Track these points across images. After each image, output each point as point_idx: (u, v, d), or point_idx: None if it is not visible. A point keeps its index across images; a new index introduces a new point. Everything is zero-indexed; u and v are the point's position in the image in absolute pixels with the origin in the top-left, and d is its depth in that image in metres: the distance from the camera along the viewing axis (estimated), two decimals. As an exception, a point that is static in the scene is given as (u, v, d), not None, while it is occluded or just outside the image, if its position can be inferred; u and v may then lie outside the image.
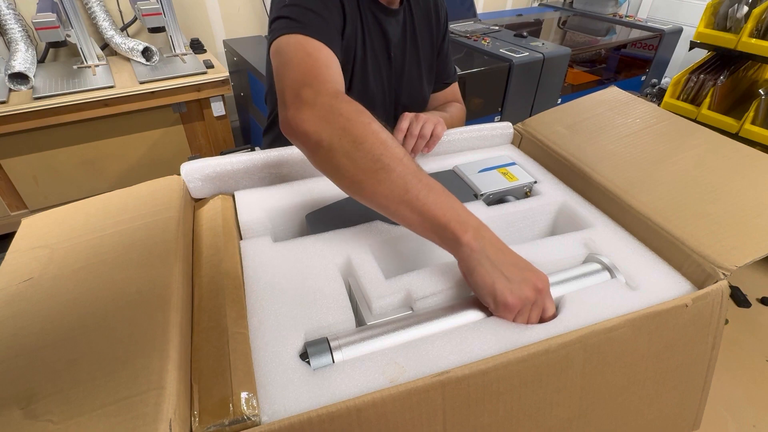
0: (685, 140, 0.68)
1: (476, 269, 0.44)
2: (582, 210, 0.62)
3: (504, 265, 0.44)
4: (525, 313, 0.44)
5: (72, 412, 0.32)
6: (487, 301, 0.44)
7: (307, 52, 0.59)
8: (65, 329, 0.39)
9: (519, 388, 0.40)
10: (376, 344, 0.42)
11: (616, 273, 0.51)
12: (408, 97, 0.89)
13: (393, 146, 0.47)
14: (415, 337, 0.43)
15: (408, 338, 0.43)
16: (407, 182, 0.45)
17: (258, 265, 0.51)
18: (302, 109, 0.50)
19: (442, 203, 0.45)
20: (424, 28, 0.86)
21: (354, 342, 0.42)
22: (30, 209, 1.68)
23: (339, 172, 0.48)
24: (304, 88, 0.51)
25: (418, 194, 0.45)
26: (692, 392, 0.51)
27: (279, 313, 0.45)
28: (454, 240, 0.44)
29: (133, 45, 1.72)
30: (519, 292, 0.43)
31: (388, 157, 0.46)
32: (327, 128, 0.47)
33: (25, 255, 0.49)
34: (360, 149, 0.46)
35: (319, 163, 0.50)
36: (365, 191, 0.47)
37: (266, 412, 0.36)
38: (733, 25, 1.46)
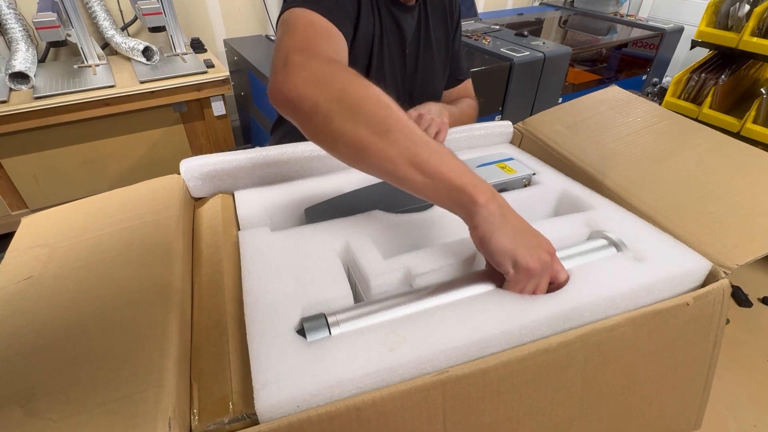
0: (687, 139, 0.67)
1: (495, 233, 0.41)
2: (583, 195, 0.62)
3: (521, 231, 0.43)
4: (537, 279, 0.43)
5: (72, 410, 0.32)
6: (505, 265, 0.42)
7: (310, 23, 0.57)
8: (65, 328, 0.39)
9: (519, 387, 0.40)
10: (375, 319, 0.41)
11: (623, 248, 0.50)
12: (421, 93, 0.88)
13: (396, 108, 0.43)
14: (416, 310, 0.42)
15: (409, 312, 0.42)
16: (416, 144, 0.42)
17: (255, 252, 0.50)
18: (293, 72, 0.45)
19: (454, 166, 0.42)
20: (439, 24, 0.86)
21: (352, 318, 0.41)
22: (30, 209, 1.68)
23: (338, 139, 0.43)
24: (296, 53, 0.48)
25: (428, 157, 0.42)
26: (693, 392, 0.51)
27: (275, 291, 0.44)
28: (470, 202, 0.42)
29: (134, 44, 1.72)
30: (539, 257, 0.42)
31: (393, 120, 0.42)
32: (323, 91, 0.43)
33: (24, 254, 0.49)
34: (362, 112, 0.42)
35: (315, 132, 0.45)
36: (370, 156, 0.43)
37: (265, 407, 0.35)
38: (734, 24, 1.46)
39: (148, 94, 1.60)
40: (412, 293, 0.44)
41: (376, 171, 0.44)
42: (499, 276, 0.44)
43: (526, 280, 0.42)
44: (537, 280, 0.43)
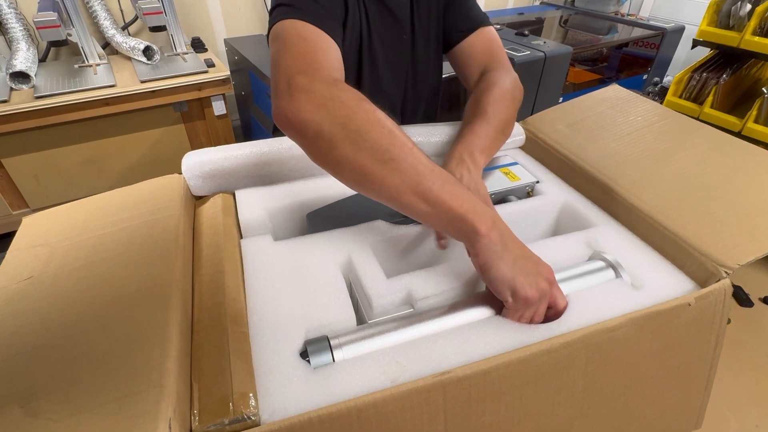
0: (688, 138, 0.67)
1: (495, 263, 0.42)
2: (584, 210, 0.62)
3: (520, 259, 0.43)
4: (535, 307, 0.43)
5: (71, 410, 0.32)
6: (504, 294, 0.42)
7: (304, 37, 0.56)
8: (65, 327, 0.39)
9: (521, 387, 0.40)
10: (377, 343, 0.42)
11: (621, 271, 0.50)
12: (421, 78, 0.85)
13: (400, 135, 0.44)
14: (417, 335, 0.43)
15: (410, 337, 0.43)
16: (419, 173, 0.42)
17: (258, 264, 0.51)
18: (297, 97, 0.45)
19: (457, 194, 0.43)
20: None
21: (354, 340, 0.42)
22: (31, 208, 1.68)
23: (342, 165, 0.44)
24: (298, 75, 0.48)
25: (431, 185, 0.42)
26: (694, 392, 0.51)
27: (279, 311, 0.45)
28: (472, 231, 0.42)
29: (134, 44, 1.72)
30: (537, 285, 0.42)
31: (397, 147, 0.43)
32: (327, 117, 0.43)
33: (25, 253, 0.49)
34: (365, 139, 0.42)
35: (319, 156, 0.46)
36: (373, 184, 0.43)
37: (266, 411, 0.36)
38: (735, 23, 1.46)
39: (149, 94, 1.60)
40: (414, 316, 0.45)
41: (381, 198, 0.45)
42: (498, 301, 0.45)
43: (524, 308, 0.43)
44: (534, 308, 0.43)
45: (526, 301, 0.42)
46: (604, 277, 0.50)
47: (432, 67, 0.86)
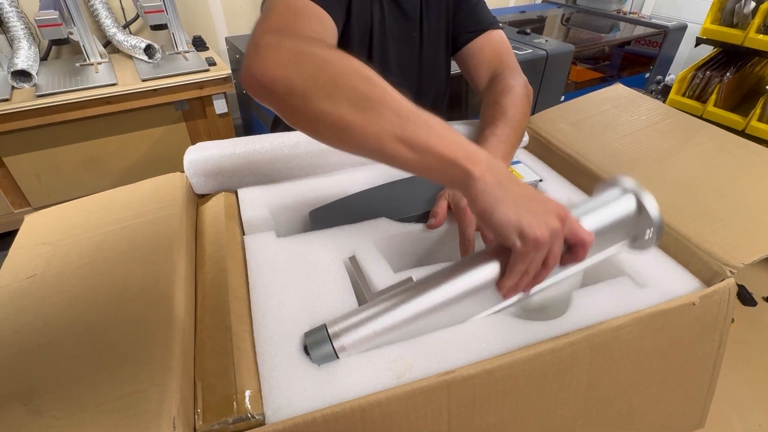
0: (691, 137, 0.67)
1: (496, 206, 0.38)
2: None
3: (524, 198, 0.38)
4: (547, 248, 0.38)
5: (74, 409, 0.32)
6: (511, 238, 0.38)
7: (291, 7, 0.53)
8: (68, 326, 0.39)
9: (524, 387, 0.40)
10: (379, 324, 0.40)
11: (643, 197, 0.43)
12: (429, 75, 0.85)
13: (379, 81, 0.40)
14: (420, 309, 0.40)
15: (413, 312, 0.40)
16: (402, 117, 0.39)
17: (262, 260, 0.51)
18: (264, 55, 0.42)
19: (446, 137, 0.39)
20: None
21: (354, 325, 0.40)
22: (33, 207, 1.68)
23: (320, 120, 0.40)
24: (267, 35, 0.44)
25: (417, 130, 0.38)
26: (698, 391, 0.51)
27: (283, 307, 0.45)
28: (465, 176, 0.38)
29: (136, 42, 1.72)
30: (547, 224, 0.37)
31: (377, 93, 0.39)
32: (298, 70, 0.40)
33: (28, 252, 0.49)
34: (341, 88, 0.39)
35: (294, 116, 0.42)
36: (353, 136, 0.40)
37: (270, 409, 0.36)
38: (739, 21, 1.45)
39: (150, 92, 1.60)
40: (415, 288, 0.42)
41: (363, 151, 0.41)
42: (505, 253, 0.40)
43: (534, 251, 0.37)
44: (546, 250, 0.38)
45: (536, 242, 0.37)
46: (626, 206, 0.43)
47: (440, 67, 0.86)
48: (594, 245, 0.40)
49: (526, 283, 0.40)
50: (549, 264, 0.39)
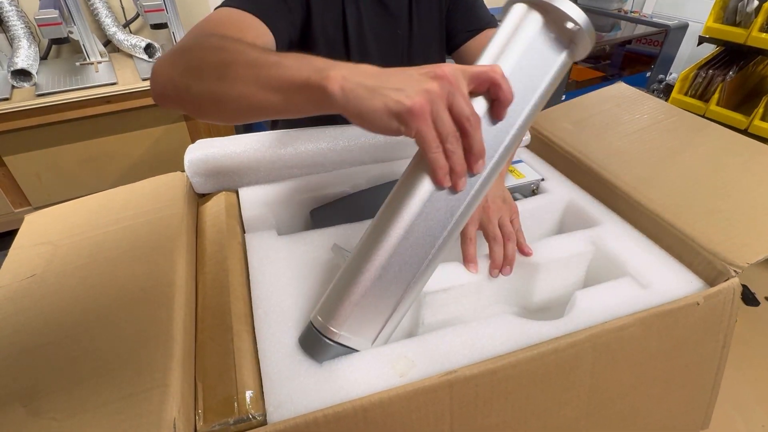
0: (694, 136, 0.67)
1: (362, 106, 0.33)
2: (589, 208, 0.61)
3: (389, 81, 0.34)
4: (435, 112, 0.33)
5: (75, 410, 0.32)
6: (394, 128, 0.34)
7: (222, 19, 0.54)
8: (68, 326, 0.39)
9: (527, 387, 0.40)
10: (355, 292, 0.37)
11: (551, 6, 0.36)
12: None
13: (230, 44, 0.41)
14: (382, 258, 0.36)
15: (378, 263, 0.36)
16: (255, 67, 0.38)
17: (263, 258, 0.50)
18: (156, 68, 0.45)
19: (294, 66, 0.37)
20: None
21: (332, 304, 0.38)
22: (33, 206, 1.68)
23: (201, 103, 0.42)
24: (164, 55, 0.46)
25: (269, 71, 0.38)
26: (701, 392, 0.51)
27: (284, 306, 0.45)
28: (322, 94, 0.34)
29: (136, 42, 1.71)
30: (417, 89, 0.33)
31: (228, 56, 0.40)
32: (174, 70, 0.42)
33: (28, 252, 0.49)
34: (203, 67, 0.41)
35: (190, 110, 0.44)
36: (226, 103, 0.40)
37: (271, 407, 0.35)
38: (742, 20, 1.45)
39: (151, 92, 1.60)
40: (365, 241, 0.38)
41: (242, 114, 0.41)
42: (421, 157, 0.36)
43: (421, 123, 0.33)
44: (430, 116, 0.33)
45: (413, 114, 0.32)
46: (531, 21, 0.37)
47: (428, 58, 0.84)
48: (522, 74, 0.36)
49: (458, 161, 0.35)
50: (464, 125, 0.34)
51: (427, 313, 0.49)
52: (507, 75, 0.35)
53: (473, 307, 0.52)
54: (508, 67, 0.36)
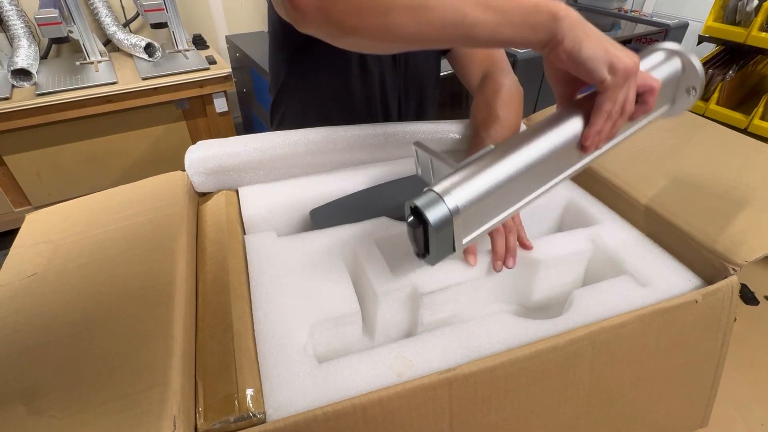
0: (693, 135, 0.67)
1: (585, 41, 0.39)
2: (589, 206, 0.61)
3: (604, 36, 0.41)
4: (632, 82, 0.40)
5: (76, 409, 0.32)
6: (601, 71, 0.39)
7: None
8: (69, 325, 0.39)
9: (527, 385, 0.40)
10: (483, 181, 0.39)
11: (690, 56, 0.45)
12: (412, 68, 0.85)
13: None
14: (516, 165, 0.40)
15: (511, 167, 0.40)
16: None
17: (263, 259, 0.50)
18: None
19: None
20: None
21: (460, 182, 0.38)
22: (33, 206, 1.68)
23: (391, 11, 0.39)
24: None
25: None
26: (701, 390, 0.51)
27: (285, 307, 0.45)
28: (551, 18, 0.39)
29: (136, 41, 1.72)
30: (630, 56, 0.40)
31: None
32: None
33: (28, 251, 0.49)
34: None
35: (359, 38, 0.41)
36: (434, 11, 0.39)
37: (271, 407, 0.36)
38: (742, 19, 1.45)
39: (150, 91, 1.60)
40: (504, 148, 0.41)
41: (442, 29, 0.40)
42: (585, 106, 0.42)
43: (624, 82, 0.39)
44: (634, 82, 0.40)
45: (626, 72, 0.39)
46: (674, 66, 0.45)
47: (429, 64, 0.86)
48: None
49: (608, 130, 0.41)
50: (626, 109, 0.41)
51: (426, 313, 0.49)
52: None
53: (472, 306, 0.52)
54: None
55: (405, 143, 0.72)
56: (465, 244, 0.40)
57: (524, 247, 0.54)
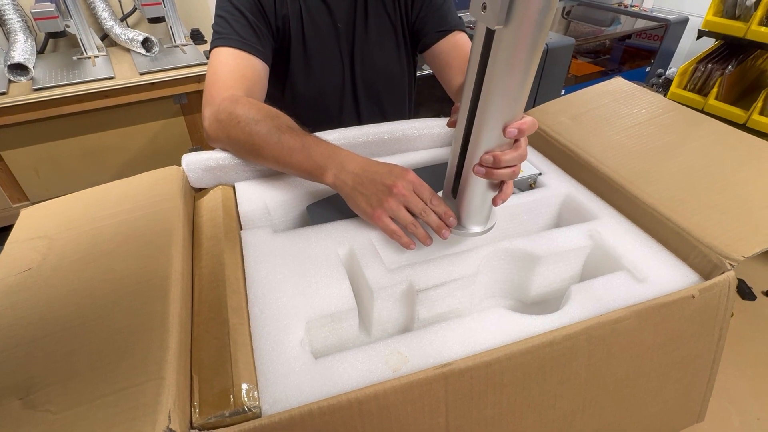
0: (692, 131, 0.67)
1: (348, 200, 0.55)
2: (587, 201, 0.61)
3: (362, 186, 0.53)
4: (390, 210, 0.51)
5: (71, 403, 0.32)
6: (366, 216, 0.53)
7: (225, 65, 0.69)
8: (64, 319, 0.39)
9: (523, 380, 0.40)
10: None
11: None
12: (367, 67, 0.87)
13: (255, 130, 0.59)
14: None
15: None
16: (276, 153, 0.58)
17: (259, 255, 0.50)
18: (208, 127, 0.65)
19: (302, 159, 0.57)
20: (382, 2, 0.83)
21: None
22: (31, 201, 1.68)
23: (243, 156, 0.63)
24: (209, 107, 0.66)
25: (286, 159, 0.58)
26: (697, 385, 0.51)
27: (280, 303, 0.45)
28: (322, 182, 0.56)
29: (133, 35, 1.71)
30: (374, 203, 0.52)
31: (257, 141, 0.59)
32: (224, 134, 0.62)
33: (24, 245, 0.49)
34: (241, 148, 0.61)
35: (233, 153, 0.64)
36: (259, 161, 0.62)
37: (267, 402, 0.36)
38: (742, 13, 1.44)
39: (148, 86, 1.59)
40: None
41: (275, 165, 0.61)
42: None
43: (381, 225, 0.52)
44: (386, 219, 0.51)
45: (374, 219, 0.52)
46: None
47: (389, 61, 0.88)
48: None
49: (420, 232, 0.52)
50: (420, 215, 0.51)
51: (422, 308, 0.49)
52: None
53: (469, 301, 0.52)
54: None
55: (402, 140, 0.72)
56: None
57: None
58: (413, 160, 0.71)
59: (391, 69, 0.90)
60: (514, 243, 0.53)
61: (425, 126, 0.73)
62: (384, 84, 0.91)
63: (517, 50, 0.37)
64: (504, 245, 0.53)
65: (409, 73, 0.94)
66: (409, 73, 0.94)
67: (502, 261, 0.54)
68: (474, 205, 0.49)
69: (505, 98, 0.41)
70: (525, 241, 0.54)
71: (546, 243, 0.54)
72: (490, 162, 0.45)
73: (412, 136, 0.72)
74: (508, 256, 0.54)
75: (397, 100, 0.95)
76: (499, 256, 0.54)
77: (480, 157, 0.45)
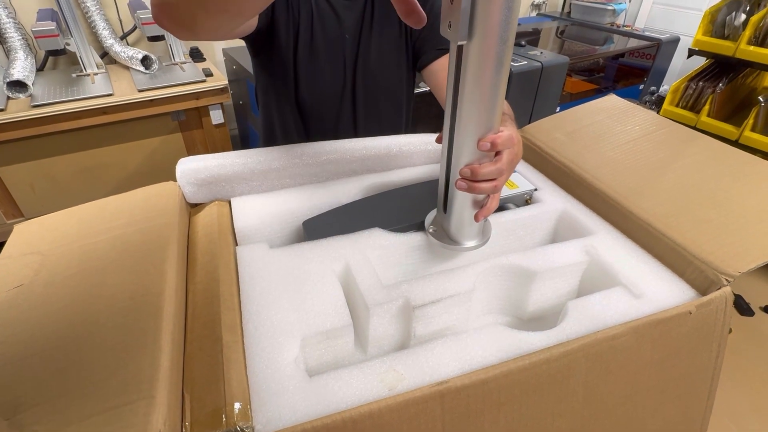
0: (685, 147, 0.67)
1: None
2: (583, 217, 0.62)
3: None
4: None
5: (59, 422, 0.31)
6: None
7: None
8: (55, 337, 0.38)
9: (520, 398, 0.39)
10: None
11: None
12: (368, 78, 0.89)
13: None
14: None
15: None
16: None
17: (254, 271, 0.50)
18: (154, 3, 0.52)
19: None
20: (388, 19, 0.85)
21: None
22: (26, 217, 1.67)
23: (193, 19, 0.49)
24: None
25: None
26: (696, 402, 0.50)
27: (275, 319, 0.44)
28: None
29: (133, 53, 1.72)
30: None
31: None
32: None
33: (16, 261, 0.48)
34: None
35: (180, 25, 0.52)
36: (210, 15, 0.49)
37: (260, 422, 0.35)
38: (731, 33, 1.47)
39: (147, 103, 1.60)
40: None
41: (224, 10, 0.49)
42: None
43: None
44: None
45: None
46: None
47: (387, 72, 0.89)
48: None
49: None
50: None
51: (419, 325, 0.49)
52: None
53: (465, 317, 0.52)
54: None
55: (399, 155, 0.72)
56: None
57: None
58: (409, 176, 0.71)
59: (391, 82, 0.92)
60: (510, 259, 0.53)
61: (421, 142, 0.73)
62: (383, 96, 0.93)
63: (483, 63, 0.40)
64: (500, 261, 0.53)
65: (407, 86, 0.95)
66: (407, 86, 0.95)
67: (498, 277, 0.54)
68: (464, 219, 0.50)
69: (476, 111, 0.42)
70: (521, 256, 0.54)
71: (542, 259, 0.54)
72: (468, 175, 0.45)
73: (408, 152, 0.73)
74: (504, 272, 0.54)
75: (394, 112, 0.97)
76: (496, 272, 0.54)
77: (459, 171, 0.45)
